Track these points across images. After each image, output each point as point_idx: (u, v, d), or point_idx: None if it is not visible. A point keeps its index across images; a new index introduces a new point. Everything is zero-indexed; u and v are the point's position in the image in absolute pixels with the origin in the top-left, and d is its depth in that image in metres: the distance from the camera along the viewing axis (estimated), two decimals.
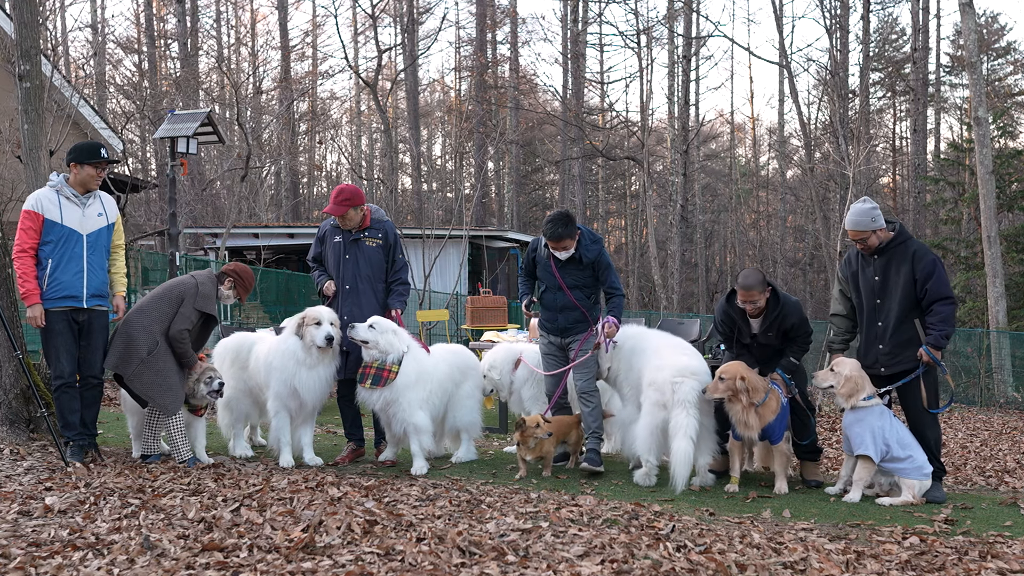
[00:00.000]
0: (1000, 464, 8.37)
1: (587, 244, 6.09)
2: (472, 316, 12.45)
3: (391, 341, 5.85)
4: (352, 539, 3.78)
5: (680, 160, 29.58)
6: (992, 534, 4.62)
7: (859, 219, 5.63)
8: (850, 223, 5.68)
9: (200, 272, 6.13)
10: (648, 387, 5.73)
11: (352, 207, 6.15)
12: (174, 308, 5.86)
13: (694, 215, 32.95)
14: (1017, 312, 19.88)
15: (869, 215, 5.61)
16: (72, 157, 5.76)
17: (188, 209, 21.73)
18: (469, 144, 33.13)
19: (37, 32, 7.13)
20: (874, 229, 5.61)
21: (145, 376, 5.74)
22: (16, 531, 3.79)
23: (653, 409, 5.65)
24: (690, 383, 5.55)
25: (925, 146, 31.25)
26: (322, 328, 5.86)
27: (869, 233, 5.62)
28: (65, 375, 5.71)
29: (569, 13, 33.21)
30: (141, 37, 31.21)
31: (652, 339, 6.13)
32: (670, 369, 5.63)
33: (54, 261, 5.65)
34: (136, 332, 5.77)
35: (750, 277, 5.79)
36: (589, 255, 6.07)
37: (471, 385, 6.52)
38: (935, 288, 5.48)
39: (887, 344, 5.61)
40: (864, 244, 5.67)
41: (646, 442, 5.70)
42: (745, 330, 5.93)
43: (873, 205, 5.67)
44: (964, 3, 17.63)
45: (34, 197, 5.70)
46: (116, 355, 5.77)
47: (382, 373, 5.85)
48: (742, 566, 3.63)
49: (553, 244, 6.02)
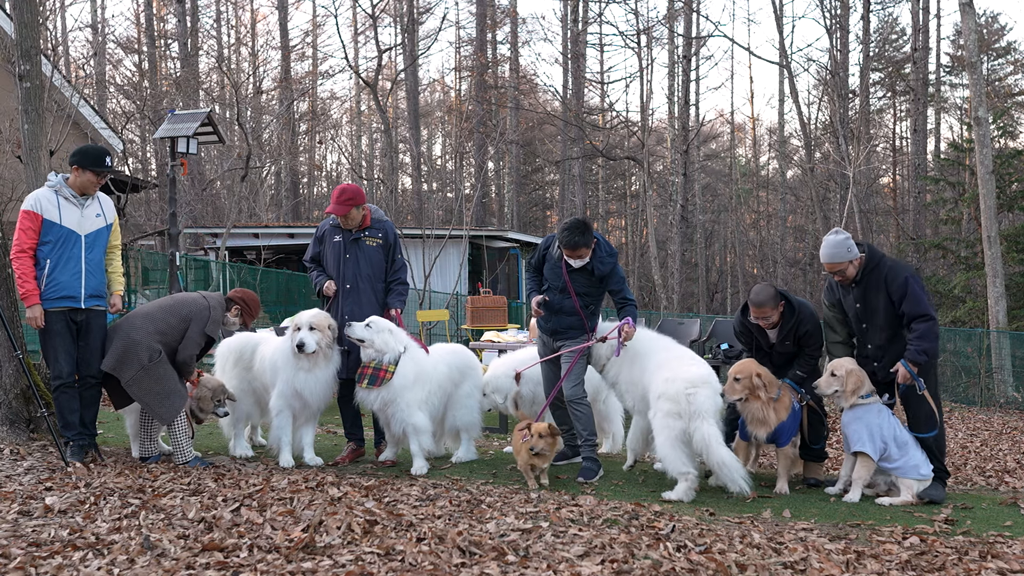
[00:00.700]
0: (1000, 464, 8.37)
1: (602, 256, 5.95)
2: (472, 316, 12.46)
3: (387, 341, 5.84)
4: (352, 539, 3.78)
5: (680, 160, 29.59)
6: (992, 534, 4.62)
7: (834, 251, 5.59)
8: (826, 256, 5.63)
9: (212, 295, 6.10)
10: (659, 399, 5.48)
11: (355, 206, 6.15)
12: (182, 325, 5.85)
13: (694, 215, 32.96)
14: (1017, 312, 19.88)
15: (844, 246, 5.58)
16: (76, 160, 5.74)
17: (188, 209, 21.73)
18: (469, 144, 33.12)
19: (37, 32, 7.13)
20: (850, 260, 5.59)
21: (144, 383, 5.70)
22: (16, 531, 3.79)
23: (668, 420, 5.39)
24: (705, 391, 5.39)
25: (925, 146, 31.23)
26: (298, 334, 5.88)
27: (846, 264, 5.60)
28: (64, 375, 5.71)
29: (569, 13, 33.20)
30: (141, 37, 31.22)
31: (654, 343, 6.00)
32: (682, 380, 5.43)
33: (52, 261, 5.63)
34: (139, 338, 5.72)
35: (761, 294, 5.79)
36: (603, 268, 5.93)
37: (471, 385, 6.49)
38: (910, 308, 5.49)
39: (882, 362, 5.67)
40: (843, 276, 5.65)
41: (675, 457, 5.37)
42: (764, 341, 5.96)
43: (846, 236, 5.63)
44: (964, 3, 17.62)
45: (33, 197, 5.68)
46: (115, 358, 5.72)
47: (378, 373, 5.85)
48: (742, 566, 3.63)
49: (569, 252, 5.91)
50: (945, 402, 16.46)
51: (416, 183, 33.67)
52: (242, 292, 6.32)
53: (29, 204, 5.64)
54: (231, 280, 15.45)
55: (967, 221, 24.69)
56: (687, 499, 5.27)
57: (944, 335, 18.56)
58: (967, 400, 17.04)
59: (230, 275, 15.47)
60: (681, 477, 5.35)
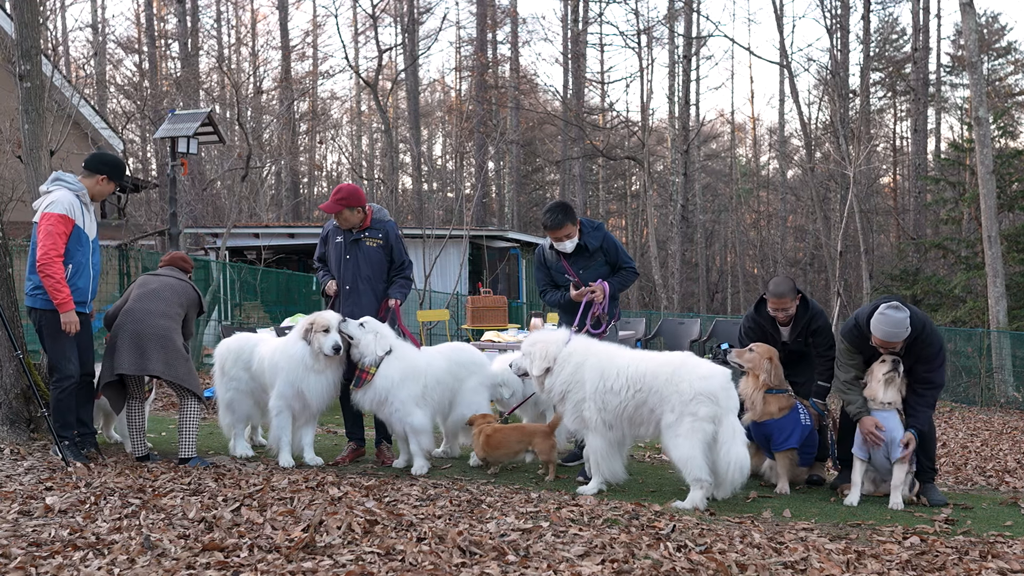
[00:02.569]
0: (1000, 464, 8.37)
1: (589, 232, 6.07)
2: (472, 316, 12.45)
3: (368, 343, 5.83)
4: (352, 539, 3.77)
5: (680, 160, 29.59)
6: (992, 534, 4.62)
7: (895, 331, 5.20)
8: (884, 335, 5.21)
9: (170, 273, 6.22)
10: (691, 402, 5.04)
11: (347, 207, 6.13)
12: (184, 311, 6.02)
13: (694, 215, 32.96)
14: (1018, 312, 19.88)
15: (903, 325, 5.18)
16: (101, 170, 5.78)
17: (188, 209, 21.72)
18: (469, 144, 33.14)
19: (38, 32, 7.13)
20: (903, 338, 5.25)
21: (181, 369, 5.83)
22: (17, 531, 3.79)
23: (702, 425, 5.04)
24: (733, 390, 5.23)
25: (925, 146, 31.25)
26: (330, 336, 5.84)
27: (900, 342, 5.27)
28: (75, 375, 5.76)
29: (569, 13, 33.23)
30: (141, 37, 31.24)
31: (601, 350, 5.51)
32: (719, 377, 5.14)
33: (73, 267, 5.65)
34: (174, 335, 5.83)
35: (781, 285, 5.77)
36: (594, 242, 6.04)
37: (476, 381, 6.36)
38: (929, 373, 5.36)
39: None
40: (892, 349, 5.32)
41: (703, 462, 5.08)
42: (776, 338, 5.90)
43: (905, 315, 5.19)
44: (964, 3, 17.62)
45: (66, 202, 5.58)
46: (162, 361, 5.72)
47: (361, 375, 5.86)
48: (743, 566, 3.63)
49: (554, 233, 5.93)
50: (946, 402, 16.48)
51: (416, 183, 33.68)
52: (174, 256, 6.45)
53: (63, 208, 5.54)
54: (231, 280, 15.43)
55: (967, 221, 24.70)
56: (703, 506, 5.03)
57: (945, 335, 18.55)
58: (967, 400, 17.05)
59: (230, 275, 15.45)
60: (702, 484, 5.08)
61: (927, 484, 5.53)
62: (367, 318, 5.96)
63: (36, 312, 5.70)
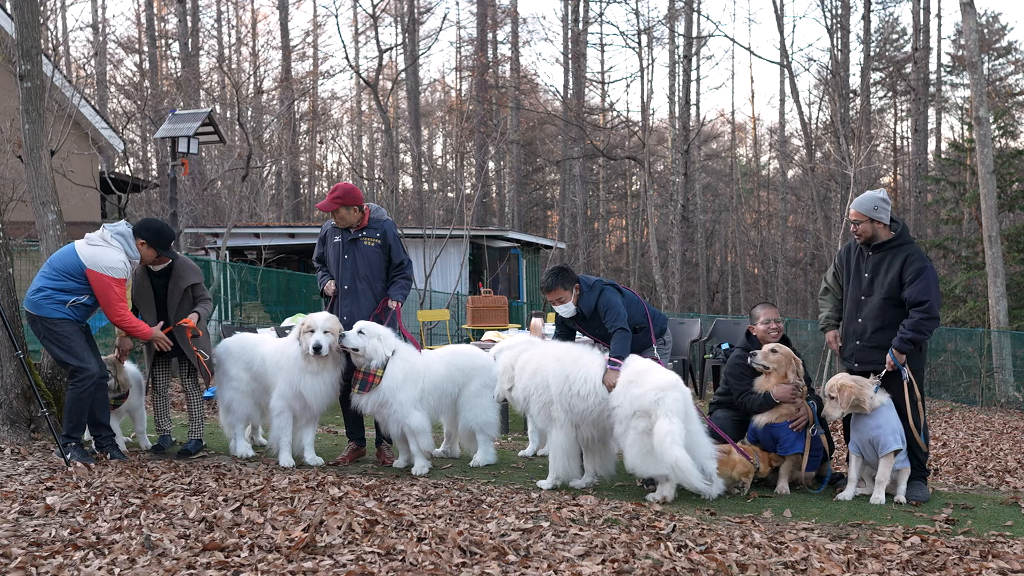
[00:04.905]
0: (1001, 464, 8.36)
1: (584, 293, 5.80)
2: (473, 316, 12.46)
3: (375, 347, 5.83)
4: (353, 539, 3.78)
5: (681, 160, 29.59)
6: (993, 534, 4.62)
7: (862, 200, 5.62)
8: (854, 203, 5.69)
9: None
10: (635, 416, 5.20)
11: (344, 206, 6.12)
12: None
13: (695, 215, 32.97)
14: (1018, 312, 19.88)
15: (873, 202, 5.57)
16: (156, 242, 6.01)
17: (189, 209, 21.69)
18: (470, 144, 33.11)
19: (38, 32, 7.12)
20: (872, 218, 5.55)
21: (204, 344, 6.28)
22: (17, 531, 3.79)
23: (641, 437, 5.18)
24: (673, 394, 5.19)
25: (926, 146, 31.26)
26: (313, 336, 5.88)
27: (865, 219, 5.57)
28: (97, 373, 5.78)
29: (570, 13, 33.25)
30: (142, 37, 31.26)
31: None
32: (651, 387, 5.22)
33: (90, 297, 5.83)
34: (202, 342, 6.23)
35: (766, 305, 6.18)
36: (588, 306, 5.78)
37: (479, 384, 6.29)
38: (916, 293, 5.42)
39: (864, 341, 5.64)
40: (856, 228, 5.63)
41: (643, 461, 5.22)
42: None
43: (884, 196, 5.61)
44: (965, 3, 17.62)
45: (123, 264, 5.82)
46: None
47: (368, 378, 5.85)
48: (743, 566, 3.63)
49: (548, 296, 5.85)
50: (946, 402, 16.48)
51: (417, 183, 33.71)
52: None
53: (122, 273, 5.81)
54: (232, 280, 15.43)
55: (968, 221, 24.70)
56: (671, 498, 5.16)
57: (945, 335, 18.57)
58: (968, 400, 17.05)
59: (231, 275, 15.46)
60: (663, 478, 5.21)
61: (915, 481, 5.54)
62: (363, 323, 5.93)
63: (40, 320, 5.71)
